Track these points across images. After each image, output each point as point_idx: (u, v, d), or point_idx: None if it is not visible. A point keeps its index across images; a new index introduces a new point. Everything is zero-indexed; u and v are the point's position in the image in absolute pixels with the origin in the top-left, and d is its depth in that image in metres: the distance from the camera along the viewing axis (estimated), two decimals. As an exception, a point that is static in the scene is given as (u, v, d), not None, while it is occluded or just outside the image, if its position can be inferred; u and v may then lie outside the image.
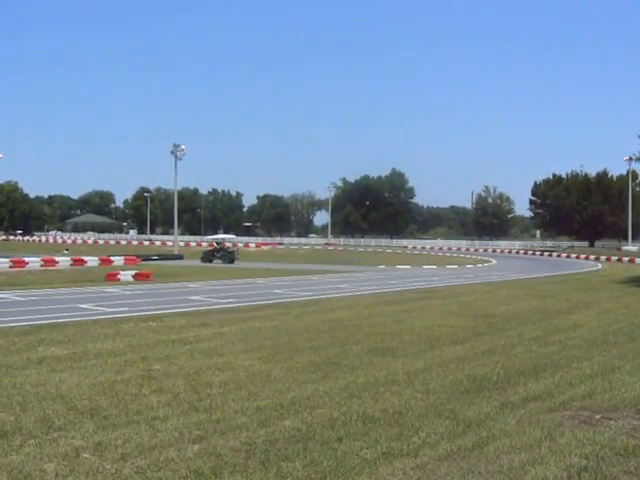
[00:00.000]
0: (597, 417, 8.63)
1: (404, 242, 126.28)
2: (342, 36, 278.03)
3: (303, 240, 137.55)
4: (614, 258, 74.50)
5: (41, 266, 42.50)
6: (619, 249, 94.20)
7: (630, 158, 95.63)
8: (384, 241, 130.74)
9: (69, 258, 47.47)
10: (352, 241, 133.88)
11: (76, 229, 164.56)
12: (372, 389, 9.97)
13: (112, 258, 48.59)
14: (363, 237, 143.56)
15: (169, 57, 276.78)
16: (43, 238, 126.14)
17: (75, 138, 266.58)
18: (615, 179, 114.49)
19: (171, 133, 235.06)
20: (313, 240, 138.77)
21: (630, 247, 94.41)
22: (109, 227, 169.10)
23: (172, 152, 73.34)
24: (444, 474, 6.55)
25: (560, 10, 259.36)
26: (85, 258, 47.49)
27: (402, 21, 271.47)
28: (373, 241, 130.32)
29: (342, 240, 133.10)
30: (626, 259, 73.02)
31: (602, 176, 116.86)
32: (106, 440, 7.35)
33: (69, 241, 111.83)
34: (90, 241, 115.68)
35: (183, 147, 73.48)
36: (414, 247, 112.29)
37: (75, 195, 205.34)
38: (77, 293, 25.36)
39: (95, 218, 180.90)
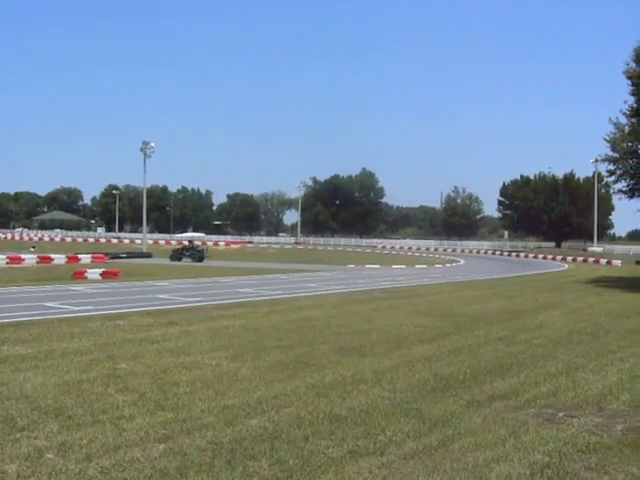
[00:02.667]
0: (560, 415, 8.74)
1: (374, 242, 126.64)
2: (312, 34, 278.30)
3: (273, 239, 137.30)
4: (580, 259, 75.51)
5: (6, 264, 42.01)
6: (585, 250, 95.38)
7: (596, 160, 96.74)
8: (354, 240, 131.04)
9: (35, 256, 46.94)
10: (322, 240, 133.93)
11: (43, 226, 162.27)
12: (339, 388, 9.99)
13: (79, 256, 48.16)
14: (333, 236, 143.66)
15: (138, 54, 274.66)
16: (9, 235, 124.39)
17: (42, 134, 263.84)
18: (582, 181, 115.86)
19: (141, 130, 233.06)
20: (283, 239, 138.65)
21: (596, 248, 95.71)
22: (77, 225, 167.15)
23: (141, 149, 72.95)
24: (410, 472, 6.59)
25: (526, 12, 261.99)
26: (52, 256, 46.97)
27: (372, 20, 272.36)
28: (343, 240, 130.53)
29: (312, 239, 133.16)
30: (592, 260, 74.08)
31: (569, 178, 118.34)
32: (70, 440, 7.28)
33: (36, 238, 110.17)
34: (57, 239, 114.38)
35: (152, 144, 73.14)
36: (383, 247, 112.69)
37: (42, 192, 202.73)
38: (43, 291, 25.06)
39: (63, 215, 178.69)
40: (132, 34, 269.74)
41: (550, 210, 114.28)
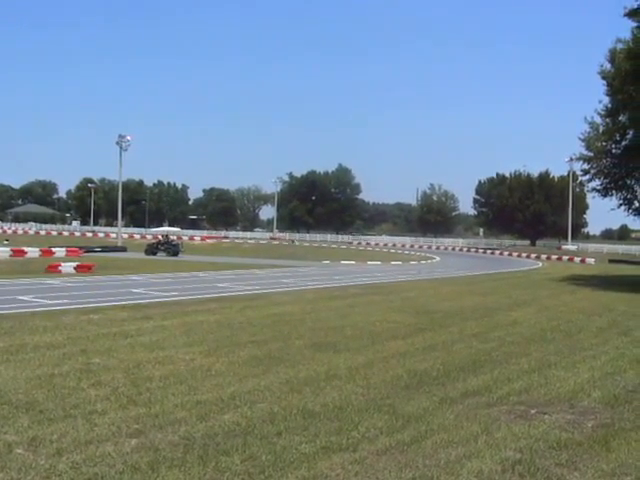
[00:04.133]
0: (533, 412, 8.81)
1: (349, 238, 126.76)
2: (291, 29, 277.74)
3: (249, 234, 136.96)
4: (554, 257, 76.18)
5: (-21, 257, 41.49)
6: (559, 248, 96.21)
7: (571, 159, 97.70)
8: (329, 236, 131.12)
9: (9, 249, 46.41)
10: (297, 236, 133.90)
11: (17, 219, 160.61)
12: (313, 384, 9.99)
13: (54, 249, 47.74)
14: (309, 232, 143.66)
15: (115, 46, 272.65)
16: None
17: (17, 126, 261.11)
18: (557, 179, 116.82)
19: (117, 124, 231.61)
20: (259, 234, 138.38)
21: (570, 246, 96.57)
22: (51, 218, 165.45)
23: (117, 143, 72.52)
24: (382, 468, 6.60)
25: (501, 11, 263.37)
26: (25, 249, 46.41)
27: (351, 15, 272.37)
28: (318, 236, 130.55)
29: (288, 235, 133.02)
30: (566, 258, 74.75)
31: (544, 176, 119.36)
32: (41, 435, 7.21)
33: (9, 231, 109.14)
34: (31, 232, 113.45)
35: (129, 138, 72.76)
36: (359, 243, 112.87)
37: (16, 185, 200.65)
38: (16, 285, 24.81)
39: (37, 208, 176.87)
40: (109, 26, 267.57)
41: (525, 208, 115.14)
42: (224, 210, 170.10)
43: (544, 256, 76.86)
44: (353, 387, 9.89)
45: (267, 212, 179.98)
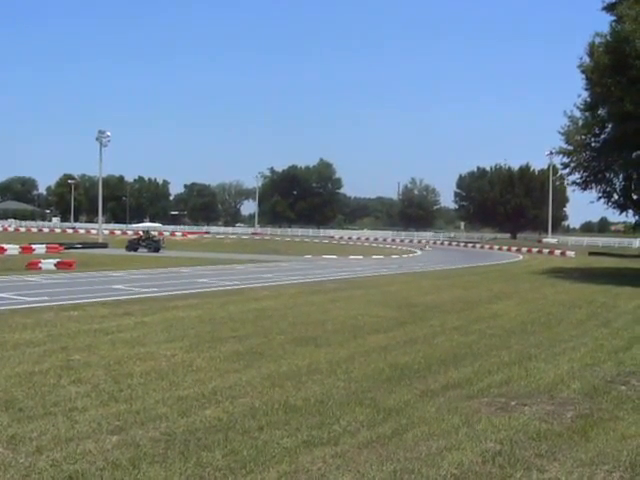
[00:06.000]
0: (513, 403, 8.87)
1: (331, 232, 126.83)
2: (273, 25, 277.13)
3: (230, 229, 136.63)
4: (535, 250, 76.59)
5: (-43, 254, 41.12)
6: (540, 241, 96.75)
7: (551, 152, 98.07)
8: (311, 231, 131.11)
9: (-13, 246, 46.02)
10: (279, 231, 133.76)
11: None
12: (295, 378, 10.01)
13: (33, 246, 47.37)
14: (290, 227, 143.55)
15: (93, 43, 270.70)
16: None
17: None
18: (537, 173, 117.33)
19: (97, 119, 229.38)
20: (240, 229, 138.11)
21: (550, 239, 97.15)
22: (31, 214, 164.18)
23: (97, 138, 72.20)
24: (363, 461, 6.63)
25: (481, 4, 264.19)
26: (5, 246, 46.00)
27: (333, 10, 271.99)
28: (300, 231, 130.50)
29: (269, 230, 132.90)
30: (546, 251, 75.18)
31: (525, 170, 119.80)
32: (21, 433, 7.17)
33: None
34: (11, 229, 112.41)
35: (108, 133, 72.53)
36: (341, 237, 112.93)
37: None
38: (-5, 282, 24.62)
39: (16, 205, 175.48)
40: (88, 23, 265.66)
41: (506, 202, 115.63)
42: (205, 205, 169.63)
43: (525, 249, 77.23)
44: (334, 381, 9.91)
45: (249, 207, 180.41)
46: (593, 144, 41.53)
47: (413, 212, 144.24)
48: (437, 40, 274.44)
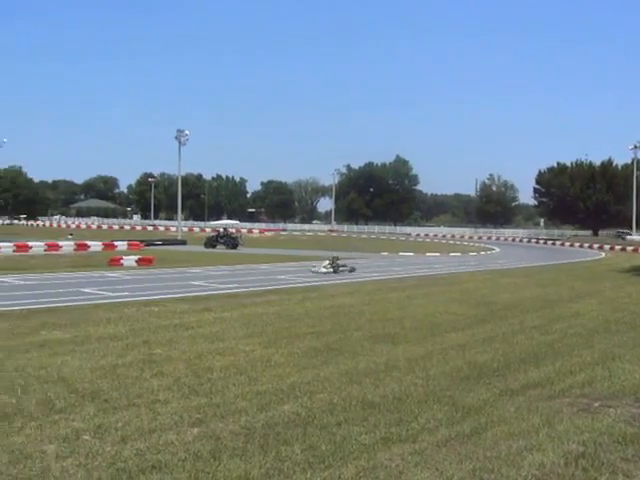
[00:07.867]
0: (596, 405, 8.64)
1: (408, 229, 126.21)
2: (339, 21, 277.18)
3: (307, 226, 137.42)
4: (618, 247, 74.41)
5: (45, 250, 42.49)
6: (623, 238, 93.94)
7: (635, 147, 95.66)
8: (388, 228, 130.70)
9: (73, 243, 47.47)
10: (355, 228, 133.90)
11: (80, 214, 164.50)
12: (372, 375, 9.99)
13: (115, 243, 48.52)
14: (367, 224, 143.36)
15: (172, 42, 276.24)
16: (47, 223, 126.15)
17: (80, 123, 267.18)
18: (620, 168, 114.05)
19: (176, 118, 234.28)
20: (317, 226, 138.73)
21: (635, 236, 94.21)
22: (113, 212, 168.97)
23: (176, 137, 73.45)
24: (442, 459, 6.57)
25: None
26: (89, 243, 47.40)
27: (407, 7, 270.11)
28: (377, 228, 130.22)
29: (345, 227, 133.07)
30: (630, 248, 72.90)
31: (607, 165, 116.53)
32: (106, 423, 7.38)
33: (73, 226, 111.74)
34: (94, 226, 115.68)
35: (187, 132, 73.65)
36: (418, 234, 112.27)
37: (79, 180, 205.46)
38: (80, 277, 25.39)
39: (99, 203, 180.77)
40: (166, 23, 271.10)
41: (587, 198, 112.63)
42: (282, 202, 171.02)
43: (607, 246, 75.17)
44: (412, 378, 9.85)
45: (325, 204, 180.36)
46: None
47: (491, 209, 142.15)
48: (516, 34, 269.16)
